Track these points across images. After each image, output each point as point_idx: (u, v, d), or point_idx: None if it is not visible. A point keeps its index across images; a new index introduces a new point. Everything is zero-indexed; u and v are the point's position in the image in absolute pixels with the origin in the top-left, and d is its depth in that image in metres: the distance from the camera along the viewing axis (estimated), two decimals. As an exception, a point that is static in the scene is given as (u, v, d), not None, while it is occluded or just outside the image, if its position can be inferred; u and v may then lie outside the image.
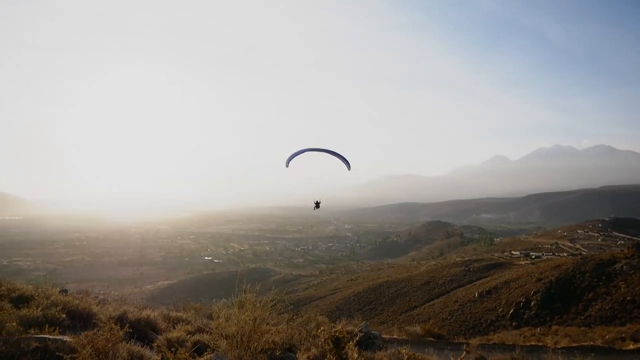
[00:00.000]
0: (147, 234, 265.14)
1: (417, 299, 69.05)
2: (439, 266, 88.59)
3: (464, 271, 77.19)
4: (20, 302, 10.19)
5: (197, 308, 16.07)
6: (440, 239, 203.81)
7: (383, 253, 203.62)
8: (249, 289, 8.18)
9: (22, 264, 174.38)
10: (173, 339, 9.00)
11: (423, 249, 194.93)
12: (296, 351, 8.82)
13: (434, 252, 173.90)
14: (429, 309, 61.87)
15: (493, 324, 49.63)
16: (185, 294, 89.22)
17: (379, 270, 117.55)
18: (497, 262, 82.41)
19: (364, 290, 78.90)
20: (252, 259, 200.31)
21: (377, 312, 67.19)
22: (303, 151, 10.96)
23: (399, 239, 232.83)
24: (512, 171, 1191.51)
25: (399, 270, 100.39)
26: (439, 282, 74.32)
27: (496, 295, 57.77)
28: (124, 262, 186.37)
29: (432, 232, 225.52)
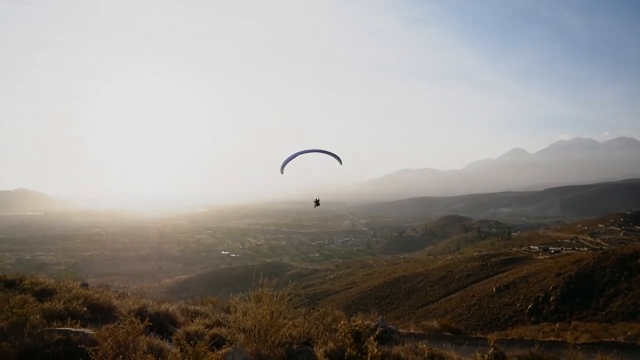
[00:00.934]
0: (165, 229, 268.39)
1: (433, 294, 68.73)
2: (456, 261, 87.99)
3: (481, 266, 76.54)
4: (43, 296, 10.41)
5: (214, 302, 16.24)
6: (456, 234, 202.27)
7: (399, 247, 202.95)
8: (266, 283, 8.23)
9: (44, 259, 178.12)
10: (191, 332, 9.12)
11: (439, 243, 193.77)
12: (313, 345, 8.86)
13: (450, 246, 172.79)
14: (446, 304, 61.55)
15: (511, 319, 49.18)
16: (202, 288, 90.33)
17: (395, 265, 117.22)
18: (515, 257, 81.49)
19: (380, 284, 78.79)
20: (268, 253, 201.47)
21: (393, 307, 67.07)
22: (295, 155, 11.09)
23: (415, 234, 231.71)
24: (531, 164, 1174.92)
25: (415, 265, 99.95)
26: (456, 276, 73.82)
27: (514, 290, 57.18)
28: (143, 257, 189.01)
29: (449, 227, 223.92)
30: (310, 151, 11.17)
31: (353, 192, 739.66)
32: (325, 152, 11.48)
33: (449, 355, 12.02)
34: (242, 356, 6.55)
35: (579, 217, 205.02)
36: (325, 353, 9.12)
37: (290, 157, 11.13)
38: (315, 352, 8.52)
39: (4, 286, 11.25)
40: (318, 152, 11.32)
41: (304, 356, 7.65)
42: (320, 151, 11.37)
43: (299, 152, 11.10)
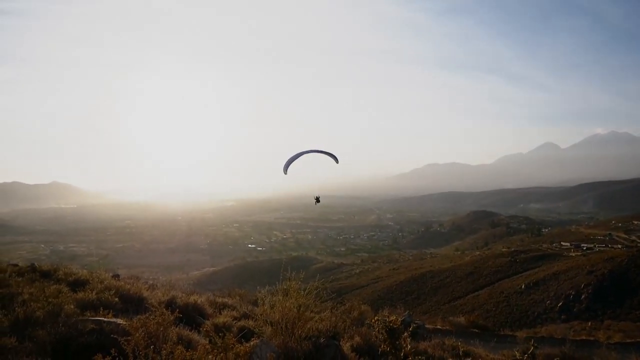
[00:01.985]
0: (193, 222, 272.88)
1: (460, 290, 67.92)
2: (484, 256, 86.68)
3: (510, 262, 75.19)
4: (77, 286, 10.71)
5: (242, 294, 16.41)
6: (485, 229, 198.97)
7: (426, 243, 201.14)
8: (293, 277, 8.25)
9: (77, 250, 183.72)
10: (220, 324, 9.23)
11: (467, 239, 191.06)
12: (340, 339, 8.85)
13: (478, 242, 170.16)
14: (473, 300, 60.76)
15: (540, 317, 48.22)
16: (229, 281, 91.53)
17: (421, 260, 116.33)
18: (545, 254, 79.76)
19: (406, 279, 78.33)
20: (294, 247, 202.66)
21: (420, 302, 66.60)
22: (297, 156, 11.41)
23: (442, 229, 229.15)
24: (563, 159, 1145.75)
25: (442, 260, 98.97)
26: (484, 272, 72.74)
27: (544, 287, 56.01)
28: (172, 249, 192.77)
29: (477, 222, 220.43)
30: (311, 152, 11.48)
31: (380, 186, 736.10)
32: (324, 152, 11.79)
33: (477, 352, 11.86)
34: (270, 349, 6.58)
35: (614, 214, 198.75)
36: (352, 347, 9.11)
37: (292, 158, 11.42)
38: (342, 346, 8.51)
39: (40, 276, 11.64)
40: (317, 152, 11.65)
41: (330, 350, 7.64)
42: (319, 151, 11.69)
43: (301, 152, 11.43)
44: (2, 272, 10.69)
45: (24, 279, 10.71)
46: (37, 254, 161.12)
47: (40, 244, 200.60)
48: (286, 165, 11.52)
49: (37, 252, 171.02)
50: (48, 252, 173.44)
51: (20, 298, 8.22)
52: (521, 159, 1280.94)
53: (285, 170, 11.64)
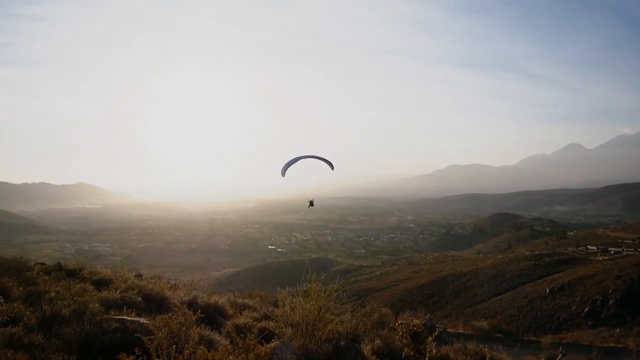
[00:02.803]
0: (214, 223, 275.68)
1: (482, 293, 66.97)
2: (507, 260, 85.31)
3: (533, 266, 73.82)
4: (101, 285, 10.94)
5: (262, 295, 16.51)
6: (507, 232, 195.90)
7: (447, 245, 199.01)
8: (313, 279, 8.25)
9: (101, 249, 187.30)
10: (240, 324, 9.30)
11: (489, 241, 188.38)
12: (360, 342, 8.82)
13: (501, 245, 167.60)
14: (496, 304, 59.83)
15: (566, 322, 47.20)
16: (250, 282, 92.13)
17: (442, 263, 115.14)
18: (570, 257, 78.05)
19: (427, 282, 77.63)
20: (314, 248, 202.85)
21: (441, 305, 65.92)
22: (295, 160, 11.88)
23: (464, 231, 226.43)
24: (589, 160, 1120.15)
25: (464, 263, 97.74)
26: (507, 276, 71.58)
27: (569, 292, 54.81)
28: (193, 250, 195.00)
29: (499, 224, 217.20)
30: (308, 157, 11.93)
31: (401, 188, 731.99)
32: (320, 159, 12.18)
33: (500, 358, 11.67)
34: (290, 350, 6.59)
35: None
36: (372, 350, 9.06)
37: (291, 162, 11.83)
38: (363, 349, 8.47)
39: (66, 275, 11.90)
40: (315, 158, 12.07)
41: (351, 353, 7.62)
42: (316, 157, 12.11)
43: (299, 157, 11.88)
44: (30, 270, 10.96)
45: (50, 277, 10.96)
46: (62, 253, 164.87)
47: (65, 243, 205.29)
48: (284, 168, 11.92)
49: (63, 251, 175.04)
50: (73, 251, 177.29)
51: (47, 296, 8.43)
52: (545, 160, 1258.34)
53: (283, 173, 12.02)
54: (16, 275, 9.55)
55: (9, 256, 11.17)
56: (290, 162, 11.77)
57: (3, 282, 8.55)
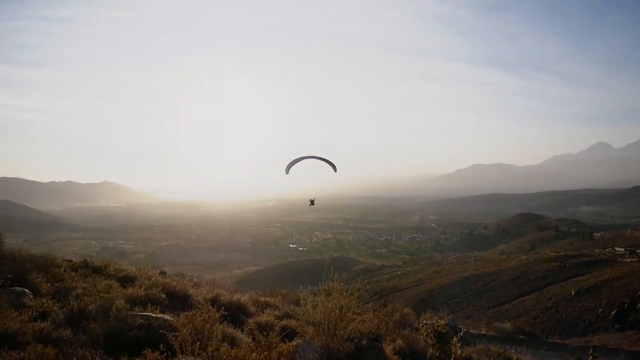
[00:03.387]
0: (236, 222, 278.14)
1: (506, 294, 65.96)
2: (531, 261, 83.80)
3: (558, 267, 72.36)
4: (126, 282, 11.13)
5: (283, 294, 16.56)
6: (531, 232, 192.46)
7: (469, 245, 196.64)
8: (335, 277, 8.24)
9: (125, 247, 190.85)
10: (262, 322, 9.34)
11: (513, 242, 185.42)
12: (382, 341, 8.77)
13: (524, 245, 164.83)
14: (519, 306, 58.86)
15: (592, 325, 46.09)
16: (271, 280, 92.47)
17: (465, 263, 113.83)
18: (597, 259, 76.22)
19: (449, 282, 76.87)
20: (335, 247, 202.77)
21: (463, 306, 65.14)
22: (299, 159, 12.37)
23: (487, 231, 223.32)
24: (617, 160, 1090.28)
25: (487, 264, 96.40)
26: (531, 277, 70.34)
27: (596, 294, 53.51)
28: (215, 248, 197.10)
29: (523, 225, 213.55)
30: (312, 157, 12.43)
31: (423, 187, 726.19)
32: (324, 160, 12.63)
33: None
34: (312, 349, 6.60)
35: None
36: (394, 350, 9.01)
37: (294, 161, 12.32)
38: (384, 349, 8.43)
39: (92, 272, 12.15)
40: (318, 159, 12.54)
41: (373, 352, 7.59)
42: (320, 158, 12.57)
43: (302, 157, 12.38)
44: (58, 267, 11.21)
45: (77, 274, 11.20)
46: (88, 250, 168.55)
47: (91, 240, 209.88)
48: (288, 166, 12.34)
49: (89, 249, 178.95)
50: (99, 249, 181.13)
51: (74, 292, 8.61)
52: (571, 160, 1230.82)
53: (287, 171, 12.45)
54: (44, 272, 9.77)
55: (38, 253, 11.44)
56: (293, 161, 12.23)
57: (32, 279, 8.77)
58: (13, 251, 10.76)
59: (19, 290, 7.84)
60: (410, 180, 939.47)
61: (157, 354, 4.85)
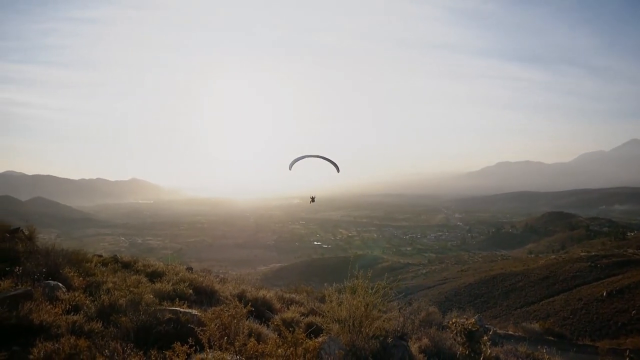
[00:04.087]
0: (260, 219, 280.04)
1: (534, 294, 64.68)
2: (560, 260, 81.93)
3: (589, 267, 70.54)
4: (154, 277, 11.34)
5: (308, 291, 16.62)
6: (561, 231, 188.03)
7: (496, 244, 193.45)
8: (360, 275, 8.22)
9: (153, 243, 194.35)
10: (288, 319, 9.39)
11: (541, 241, 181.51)
12: (408, 340, 8.72)
13: (554, 245, 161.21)
14: (548, 306, 57.63)
15: (625, 327, 44.76)
16: (295, 277, 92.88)
17: (491, 262, 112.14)
18: (630, 259, 73.98)
19: (475, 281, 75.83)
20: (359, 245, 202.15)
21: (490, 306, 64.19)
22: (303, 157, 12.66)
23: (515, 230, 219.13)
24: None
25: (514, 263, 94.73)
26: (560, 277, 68.79)
27: (629, 295, 51.94)
28: (240, 245, 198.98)
29: (552, 224, 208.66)
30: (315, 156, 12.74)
31: (449, 185, 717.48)
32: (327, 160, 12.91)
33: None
34: (338, 346, 6.60)
35: None
36: (419, 349, 8.94)
37: (298, 158, 12.62)
38: (410, 347, 8.37)
39: (121, 267, 12.42)
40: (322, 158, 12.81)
41: (398, 350, 7.54)
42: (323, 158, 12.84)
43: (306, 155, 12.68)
44: (89, 262, 11.49)
45: (107, 268, 11.46)
46: (117, 246, 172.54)
47: (120, 236, 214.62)
48: (291, 163, 12.68)
49: (118, 244, 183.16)
50: (127, 245, 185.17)
51: (104, 286, 8.82)
52: (603, 157, 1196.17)
53: (290, 167, 12.74)
54: (76, 267, 10.03)
55: (70, 248, 11.74)
56: (297, 158, 12.57)
57: (65, 273, 9.01)
58: (47, 246, 11.07)
59: (52, 283, 8.06)
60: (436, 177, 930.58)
61: (186, 347, 4.93)
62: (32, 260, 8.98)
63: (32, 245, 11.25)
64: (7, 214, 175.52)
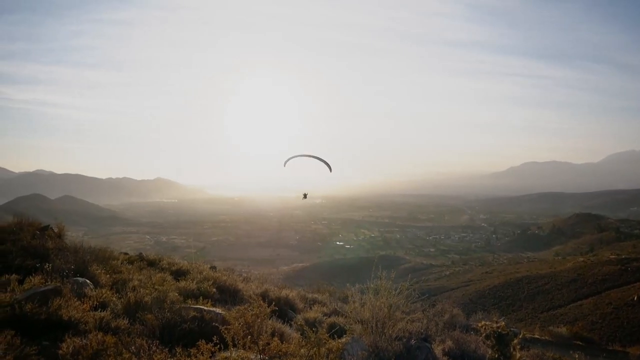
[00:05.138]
0: (283, 219, 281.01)
1: (561, 298, 63.24)
2: (589, 263, 79.88)
3: (619, 270, 68.55)
4: (178, 275, 11.49)
5: (331, 291, 16.62)
6: (590, 233, 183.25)
7: (522, 246, 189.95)
8: (384, 276, 8.16)
9: (177, 241, 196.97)
10: (310, 319, 9.40)
11: (569, 243, 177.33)
12: (431, 342, 8.61)
13: (582, 247, 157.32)
14: (576, 310, 56.28)
15: (657, 333, 43.43)
16: (317, 277, 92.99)
17: (517, 264, 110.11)
18: (663, 263, 71.78)
19: (500, 284, 74.56)
20: (382, 245, 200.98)
21: (515, 309, 63.04)
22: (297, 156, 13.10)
23: (541, 232, 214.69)
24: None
25: (540, 265, 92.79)
26: (588, 280, 67.08)
27: (661, 300, 50.39)
28: (262, 244, 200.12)
29: (580, 225, 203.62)
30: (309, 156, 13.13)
31: (473, 185, 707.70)
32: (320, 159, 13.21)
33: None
34: (361, 347, 6.57)
35: None
36: (443, 351, 8.83)
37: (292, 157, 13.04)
38: (434, 349, 8.27)
39: (146, 265, 12.62)
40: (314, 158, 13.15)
41: (422, 352, 7.45)
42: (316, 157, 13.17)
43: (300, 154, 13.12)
44: (115, 259, 11.72)
45: (133, 266, 11.67)
46: (142, 244, 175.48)
47: (145, 235, 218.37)
48: (286, 161, 13.21)
49: (143, 242, 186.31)
50: (152, 243, 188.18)
51: (130, 284, 8.97)
52: (634, 157, 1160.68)
53: (284, 165, 13.29)
54: (103, 264, 10.23)
55: (97, 246, 12.00)
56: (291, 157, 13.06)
57: (92, 270, 9.19)
58: (75, 244, 11.33)
59: (81, 280, 8.24)
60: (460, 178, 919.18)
61: (211, 345, 4.97)
62: (61, 257, 9.19)
63: (61, 242, 11.53)
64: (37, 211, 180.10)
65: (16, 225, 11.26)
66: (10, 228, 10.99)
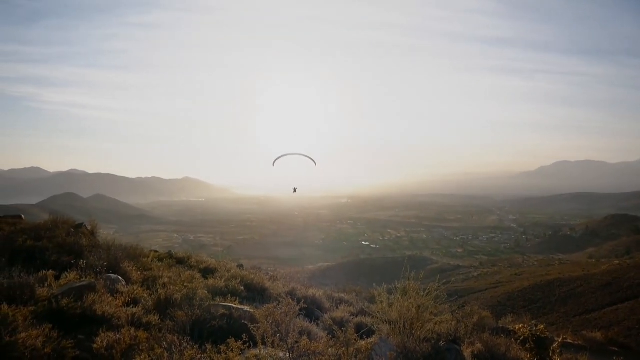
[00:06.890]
0: (308, 218, 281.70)
1: (595, 302, 61.35)
2: (625, 266, 77.26)
3: (657, 274, 66.29)
4: (207, 273, 11.66)
5: (357, 291, 16.59)
6: (626, 235, 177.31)
7: (553, 247, 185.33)
8: (412, 276, 8.07)
9: (204, 240, 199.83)
10: (337, 318, 9.38)
11: (603, 245, 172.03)
12: (461, 344, 8.48)
13: (618, 249, 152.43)
14: (611, 315, 54.51)
15: (697, 339, 41.76)
16: (343, 276, 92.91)
17: (548, 266, 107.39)
18: (703, 266, 68.98)
19: (530, 286, 72.88)
20: (408, 246, 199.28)
21: (545, 312, 61.49)
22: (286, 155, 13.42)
23: (574, 233, 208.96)
24: None
25: (573, 268, 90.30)
26: (624, 284, 64.83)
27: (703, 305, 48.41)
28: (288, 243, 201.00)
29: (616, 227, 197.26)
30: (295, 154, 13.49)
31: (503, 185, 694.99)
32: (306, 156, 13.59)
33: (620, 374, 10.60)
34: (389, 347, 6.52)
35: None
36: (472, 354, 8.67)
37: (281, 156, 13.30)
38: (463, 352, 8.14)
39: (176, 262, 12.85)
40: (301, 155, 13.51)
41: (451, 354, 7.34)
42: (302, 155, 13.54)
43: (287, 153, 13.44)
44: (146, 257, 11.96)
45: (163, 264, 11.89)
46: (171, 242, 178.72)
47: (173, 233, 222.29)
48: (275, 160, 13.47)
49: (171, 241, 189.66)
50: (180, 241, 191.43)
51: (161, 281, 9.15)
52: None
53: (273, 164, 13.55)
54: (134, 261, 10.46)
55: (128, 244, 12.27)
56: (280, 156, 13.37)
57: (124, 267, 9.40)
58: (107, 241, 11.61)
59: (113, 277, 8.44)
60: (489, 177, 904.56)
61: (240, 343, 5.01)
62: (95, 254, 9.45)
63: (95, 240, 11.84)
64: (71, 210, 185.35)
65: (52, 223, 11.61)
66: (47, 226, 11.34)
